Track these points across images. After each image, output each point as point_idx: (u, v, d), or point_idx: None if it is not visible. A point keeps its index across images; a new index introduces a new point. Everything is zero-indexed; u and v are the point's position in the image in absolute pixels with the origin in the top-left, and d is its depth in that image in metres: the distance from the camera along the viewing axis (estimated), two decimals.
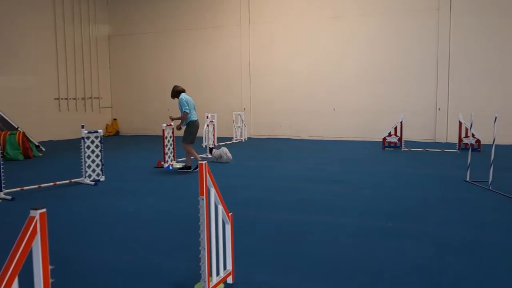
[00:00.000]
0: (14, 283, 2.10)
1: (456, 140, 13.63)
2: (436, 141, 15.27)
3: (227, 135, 16.93)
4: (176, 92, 9.67)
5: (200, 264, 3.54)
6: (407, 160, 11.36)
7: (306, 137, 16.92)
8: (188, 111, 9.48)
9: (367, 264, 4.32)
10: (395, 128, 13.38)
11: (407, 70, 15.58)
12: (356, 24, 16.12)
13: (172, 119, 9.91)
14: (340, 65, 16.41)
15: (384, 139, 13.51)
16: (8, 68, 16.20)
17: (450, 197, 7.14)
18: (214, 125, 12.39)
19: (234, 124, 16.52)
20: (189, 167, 9.81)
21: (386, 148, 13.39)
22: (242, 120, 16.60)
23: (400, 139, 13.28)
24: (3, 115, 12.91)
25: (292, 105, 17.20)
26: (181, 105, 9.50)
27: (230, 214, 3.93)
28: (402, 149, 13.17)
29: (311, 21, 16.76)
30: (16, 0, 16.44)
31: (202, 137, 14.38)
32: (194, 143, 9.75)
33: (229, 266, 3.91)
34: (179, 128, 9.59)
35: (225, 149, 11.05)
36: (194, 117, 9.66)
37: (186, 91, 9.94)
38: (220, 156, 10.90)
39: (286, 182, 8.53)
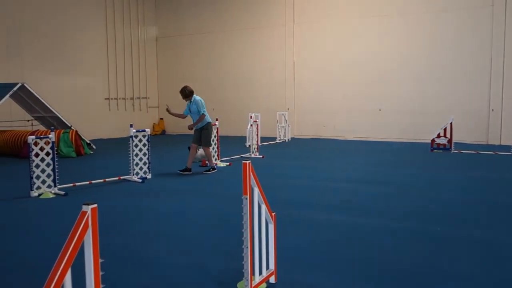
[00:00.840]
0: (67, 274, 2.20)
1: (511, 143, 13.03)
2: (489, 143, 14.66)
3: (271, 135, 16.95)
4: (190, 93, 9.52)
5: (243, 262, 3.57)
6: (457, 162, 10.98)
7: (351, 138, 16.68)
8: (206, 113, 9.48)
9: (414, 269, 4.21)
10: (445, 129, 12.95)
11: (458, 69, 15.04)
12: (404, 22, 15.73)
13: (171, 113, 9.60)
14: (387, 64, 16.07)
15: (433, 140, 13.11)
16: (63, 70, 16.94)
17: (504, 201, 6.84)
18: (257, 125, 12.43)
19: (277, 124, 16.52)
20: (190, 169, 9.61)
21: (435, 150, 12.98)
22: (286, 120, 16.57)
23: (449, 140, 12.83)
24: (57, 114, 13.51)
25: (337, 105, 17.01)
26: (199, 107, 9.39)
27: (273, 214, 3.93)
28: (452, 151, 12.73)
29: (357, 19, 16.51)
30: (69, 5, 17.16)
31: (245, 137, 14.47)
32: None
33: (272, 266, 3.92)
34: (190, 128, 9.57)
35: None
36: (209, 118, 9.64)
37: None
38: (203, 156, 10.33)
39: (330, 183, 8.45)
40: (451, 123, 12.77)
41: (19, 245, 5.10)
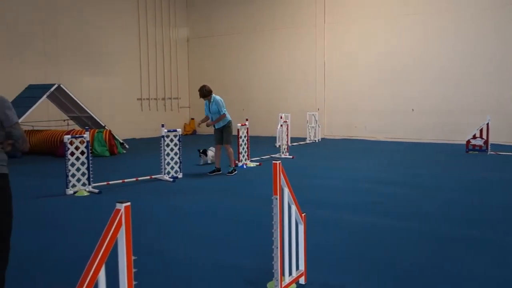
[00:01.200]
0: (101, 271, 2.25)
1: None
2: None
3: (301, 135, 16.88)
4: (208, 92, 9.44)
5: (273, 263, 3.57)
6: (494, 164, 10.66)
7: (382, 139, 16.42)
8: (226, 112, 9.47)
9: (447, 274, 4.12)
10: (481, 130, 12.56)
11: (494, 69, 14.58)
12: (438, 21, 15.37)
13: (201, 123, 9.73)
14: (419, 63, 15.74)
15: (468, 141, 12.76)
16: (97, 71, 17.36)
17: None
18: (287, 125, 12.40)
19: (307, 124, 16.44)
20: (219, 169, 9.69)
21: (470, 152, 12.63)
22: (316, 121, 16.47)
23: (486, 142, 12.45)
24: (92, 114, 13.85)
25: (368, 106, 16.78)
26: (219, 106, 9.38)
27: (303, 214, 3.92)
28: (489, 152, 12.34)
29: (388, 19, 16.24)
30: (103, 7, 17.57)
31: (275, 137, 14.46)
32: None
33: (302, 267, 3.91)
34: (209, 125, 9.55)
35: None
36: (229, 117, 9.63)
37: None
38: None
39: (360, 184, 8.35)
40: (487, 124, 12.38)
41: (54, 241, 5.25)
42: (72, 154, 7.79)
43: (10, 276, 3.26)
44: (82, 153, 7.91)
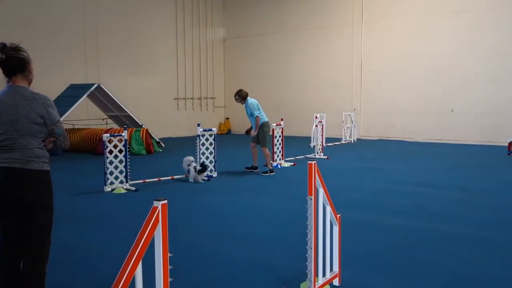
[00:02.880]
0: (138, 266, 2.30)
1: None
2: None
3: (336, 135, 16.71)
4: (241, 97, 9.57)
5: (307, 263, 3.55)
6: None
7: (421, 140, 16.04)
8: (260, 115, 9.47)
9: (490, 281, 3.98)
10: None
11: None
12: (479, 19, 14.87)
13: (249, 133, 9.92)
14: (460, 62, 15.28)
15: (510, 143, 12.29)
16: (135, 71, 17.74)
17: None
18: (322, 125, 12.29)
19: (343, 124, 16.25)
20: (256, 167, 9.80)
21: None
22: (352, 121, 16.26)
23: None
24: (130, 113, 14.16)
25: (406, 106, 16.42)
26: (252, 109, 9.43)
27: (338, 215, 3.88)
28: None
29: (427, 17, 15.85)
30: (141, 8, 17.93)
31: (310, 137, 14.36)
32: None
33: (336, 268, 3.87)
34: (254, 135, 9.61)
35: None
36: (265, 118, 9.63)
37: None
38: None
39: (397, 186, 8.19)
40: None
41: (93, 237, 5.40)
42: (111, 152, 7.98)
43: (50, 270, 3.37)
44: (120, 151, 8.09)
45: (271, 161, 9.92)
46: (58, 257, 4.16)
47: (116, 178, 8.02)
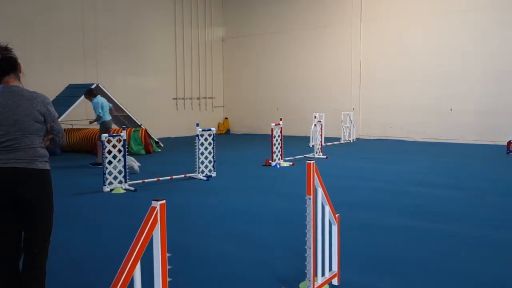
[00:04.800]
0: (136, 266, 2.29)
1: None
2: None
3: (335, 135, 16.73)
4: (90, 95, 10.88)
5: (306, 263, 3.55)
6: None
7: (419, 139, 16.05)
8: (101, 114, 10.62)
9: (488, 281, 3.98)
10: None
11: None
12: (480, 18, 14.89)
13: (91, 123, 11.30)
14: (458, 62, 15.30)
15: (509, 142, 12.31)
16: (133, 71, 17.73)
17: None
18: (321, 125, 12.29)
19: (342, 124, 16.26)
20: (100, 164, 9.84)
21: (511, 153, 12.18)
22: (351, 120, 16.27)
23: None
24: (128, 113, 14.15)
25: (405, 106, 16.44)
26: (95, 108, 10.67)
27: (337, 215, 3.88)
28: None
29: (426, 16, 15.86)
30: (140, 8, 17.91)
31: (309, 137, 14.37)
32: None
33: (335, 268, 3.87)
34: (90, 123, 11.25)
35: (131, 158, 9.67)
36: (106, 117, 10.74)
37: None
38: (132, 170, 9.49)
39: (396, 185, 8.19)
40: None
41: (91, 236, 5.40)
42: (109, 152, 7.98)
43: (49, 270, 3.36)
44: (119, 151, 8.09)
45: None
46: (57, 257, 4.16)
47: (115, 178, 8.01)
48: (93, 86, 13.11)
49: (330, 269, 3.83)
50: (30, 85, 3.36)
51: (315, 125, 12.47)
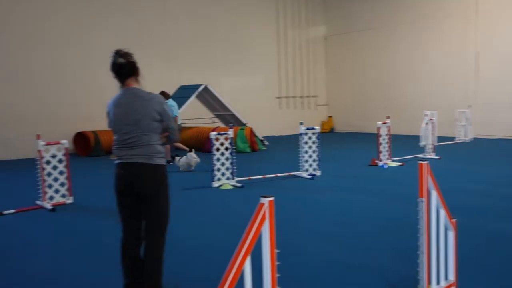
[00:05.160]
0: (246, 260, 2.33)
1: None
2: None
3: (449, 134, 15.65)
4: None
5: (418, 269, 3.35)
6: None
7: None
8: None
9: None
10: None
11: None
12: None
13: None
14: None
15: None
16: (239, 71, 18.28)
17: None
18: (433, 123, 11.56)
19: (457, 122, 15.16)
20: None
21: None
22: (467, 119, 15.10)
23: None
24: (234, 112, 14.62)
25: None
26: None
27: (453, 220, 3.60)
28: None
29: None
30: (243, 10, 18.39)
31: (420, 136, 13.62)
32: None
33: (451, 276, 3.59)
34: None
35: (193, 155, 10.04)
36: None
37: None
38: (189, 165, 9.95)
39: None
40: None
41: (201, 229, 5.65)
42: (218, 149, 8.30)
43: (164, 259, 3.58)
44: (226, 149, 8.37)
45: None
46: (170, 247, 4.40)
47: (223, 174, 8.32)
48: (201, 87, 13.79)
49: (446, 277, 3.57)
50: (146, 86, 3.60)
51: (426, 123, 11.77)
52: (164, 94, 11.35)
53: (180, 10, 16.76)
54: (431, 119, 11.61)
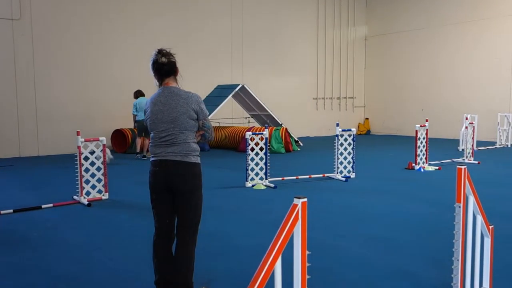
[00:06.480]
0: (278, 261, 2.37)
1: None
2: None
3: (489, 139, 15.16)
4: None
5: (452, 275, 3.30)
6: None
7: None
8: (136, 113, 11.84)
9: None
10: None
11: None
12: None
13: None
14: None
15: None
16: (276, 72, 18.28)
17: None
18: (473, 127, 11.24)
19: (498, 127, 14.68)
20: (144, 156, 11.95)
21: None
22: (510, 123, 14.59)
23: None
24: (270, 112, 14.66)
25: None
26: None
27: (491, 226, 3.52)
28: None
29: None
30: (282, 10, 18.37)
31: (458, 140, 13.26)
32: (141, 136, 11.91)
33: (486, 284, 3.52)
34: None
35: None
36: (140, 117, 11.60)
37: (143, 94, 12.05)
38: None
39: None
40: None
41: (233, 228, 5.72)
42: (252, 149, 8.36)
43: (196, 256, 3.65)
44: (261, 149, 8.42)
45: None
46: (202, 245, 4.49)
47: (257, 174, 8.37)
48: (238, 87, 13.91)
49: (481, 285, 3.50)
50: (185, 85, 3.69)
51: (466, 127, 11.46)
52: (139, 93, 12.21)
53: (222, 9, 16.88)
54: (471, 123, 11.30)
